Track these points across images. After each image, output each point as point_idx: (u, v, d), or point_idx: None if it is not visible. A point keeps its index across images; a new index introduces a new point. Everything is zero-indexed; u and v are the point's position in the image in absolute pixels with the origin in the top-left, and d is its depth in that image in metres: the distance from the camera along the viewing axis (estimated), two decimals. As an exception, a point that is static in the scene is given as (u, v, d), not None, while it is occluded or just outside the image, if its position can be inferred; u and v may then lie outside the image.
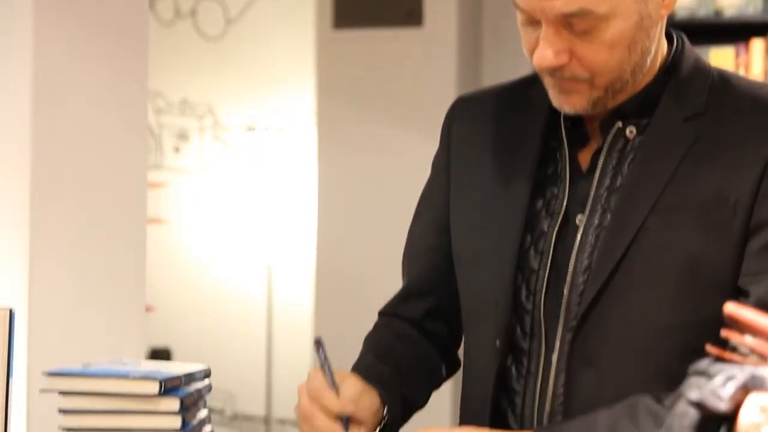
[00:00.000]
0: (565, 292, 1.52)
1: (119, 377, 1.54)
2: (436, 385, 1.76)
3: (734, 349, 1.09)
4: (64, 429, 1.55)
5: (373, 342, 1.74)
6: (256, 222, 5.65)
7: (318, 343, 1.55)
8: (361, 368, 1.63)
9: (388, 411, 1.58)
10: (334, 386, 1.52)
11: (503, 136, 1.64)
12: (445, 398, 3.36)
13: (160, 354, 5.33)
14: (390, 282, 1.87)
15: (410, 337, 1.74)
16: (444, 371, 1.78)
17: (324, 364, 1.53)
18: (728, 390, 0.99)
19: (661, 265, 1.47)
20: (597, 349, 1.49)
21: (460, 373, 1.74)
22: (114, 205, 2.71)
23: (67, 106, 2.63)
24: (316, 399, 1.51)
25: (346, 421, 1.51)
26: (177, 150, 5.79)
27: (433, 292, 1.75)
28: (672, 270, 1.47)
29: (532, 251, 1.56)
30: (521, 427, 1.54)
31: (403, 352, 1.71)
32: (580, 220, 1.54)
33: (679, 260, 1.47)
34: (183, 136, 5.80)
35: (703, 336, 1.34)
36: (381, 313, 1.81)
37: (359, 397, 1.53)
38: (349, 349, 1.82)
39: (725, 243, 1.47)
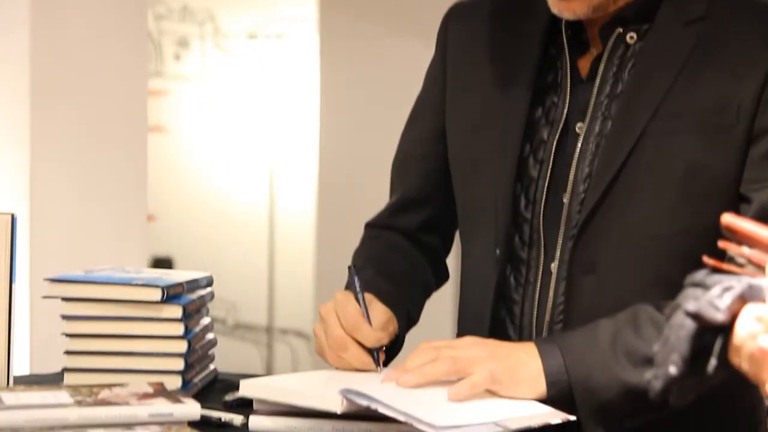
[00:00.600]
0: (566, 200, 1.52)
1: (121, 284, 1.54)
2: (428, 296, 1.76)
3: (732, 260, 1.08)
4: (66, 335, 1.56)
5: (368, 256, 1.72)
6: (258, 130, 5.63)
7: (353, 271, 1.54)
8: (364, 286, 1.62)
9: (399, 331, 1.58)
10: (368, 317, 1.51)
11: (501, 42, 1.62)
12: (445, 310, 3.38)
13: (162, 263, 5.34)
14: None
15: (404, 250, 1.73)
16: (435, 285, 1.77)
17: (359, 293, 1.52)
18: (725, 301, 0.98)
19: (663, 172, 1.47)
20: (597, 256, 1.49)
21: (456, 282, 1.73)
22: (114, 112, 2.70)
23: (66, 13, 2.60)
24: (352, 331, 1.50)
25: (378, 353, 1.51)
26: (177, 57, 5.74)
27: (428, 202, 1.73)
28: (673, 176, 1.47)
29: (531, 160, 1.55)
30: (520, 336, 1.55)
31: (400, 265, 1.70)
32: (581, 128, 1.53)
33: (681, 166, 1.47)
34: (183, 43, 5.74)
35: (704, 243, 1.34)
36: (370, 225, 1.79)
37: (388, 325, 1.54)
38: (350, 257, 1.81)
39: (727, 149, 1.46)
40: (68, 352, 1.56)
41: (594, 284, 1.49)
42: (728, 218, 1.05)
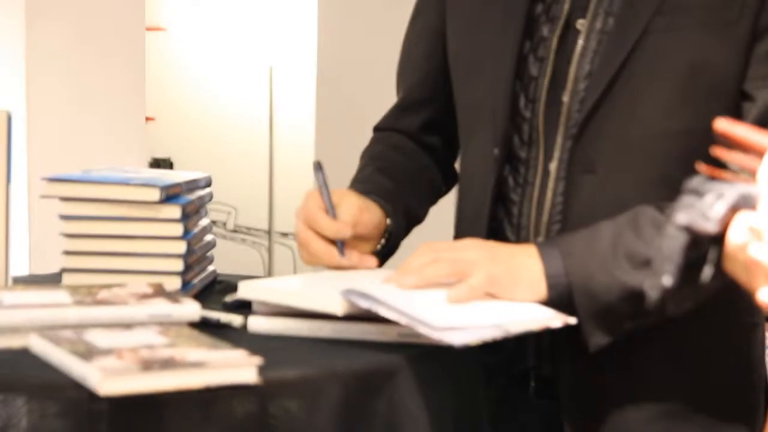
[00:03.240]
0: (566, 99, 1.51)
1: (120, 184, 1.53)
2: (436, 198, 1.76)
3: (727, 167, 1.06)
4: (64, 235, 1.55)
5: (371, 155, 1.74)
6: (257, 29, 5.58)
7: (317, 166, 1.55)
8: (360, 181, 1.63)
9: (391, 222, 1.58)
10: (331, 210, 1.51)
11: None
12: (446, 212, 3.38)
13: (161, 165, 5.33)
14: (393, 94, 1.84)
15: (409, 149, 1.74)
16: (443, 185, 1.77)
17: (322, 187, 1.52)
18: (717, 210, 0.97)
19: (665, 69, 1.45)
20: (597, 154, 1.48)
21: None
22: (111, 10, 2.67)
23: None
24: (311, 224, 1.51)
25: (342, 244, 1.51)
26: (176, -44, 5.66)
27: (430, 103, 1.73)
28: (675, 73, 1.45)
29: (531, 58, 1.54)
30: (518, 237, 1.55)
31: (402, 163, 1.71)
32: (582, 24, 1.51)
33: (683, 63, 1.45)
34: (182, -59, 5.66)
35: (705, 143, 1.32)
36: (377, 128, 1.80)
37: (359, 215, 1.53)
38: (350, 159, 1.81)
39: (730, 46, 1.44)
40: (66, 253, 1.56)
41: (593, 183, 1.49)
42: (722, 123, 1.03)
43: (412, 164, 1.72)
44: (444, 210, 1.82)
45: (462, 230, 1.65)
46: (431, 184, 1.75)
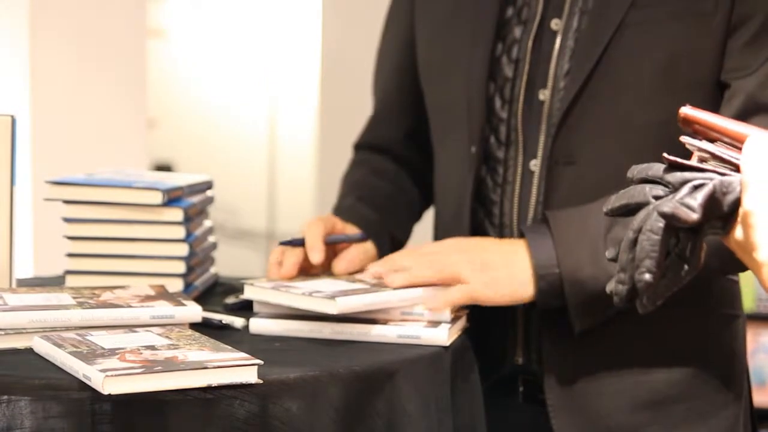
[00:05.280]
0: (543, 98, 1.51)
1: (122, 187, 1.54)
2: (417, 218, 1.76)
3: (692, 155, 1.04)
4: (68, 237, 1.56)
5: (351, 182, 1.74)
6: (258, 34, 5.58)
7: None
8: (342, 212, 1.63)
9: (377, 254, 1.59)
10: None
11: None
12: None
13: (163, 170, 5.34)
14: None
15: (389, 171, 1.74)
16: (424, 203, 1.78)
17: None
18: (698, 200, 0.95)
19: (642, 61, 1.46)
20: (577, 146, 1.49)
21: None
22: (113, 14, 2.68)
23: None
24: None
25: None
26: (178, -39, 5.67)
27: (403, 115, 1.74)
28: (654, 65, 1.46)
29: (504, 59, 1.55)
30: (501, 235, 1.55)
31: (383, 189, 1.71)
32: (557, 24, 1.52)
33: (660, 56, 1.46)
34: (183, -54, 5.67)
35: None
36: (356, 147, 1.80)
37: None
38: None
39: (706, 37, 1.45)
40: (70, 255, 1.57)
41: (573, 175, 1.49)
42: (686, 110, 1.02)
43: (393, 188, 1.72)
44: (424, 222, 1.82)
45: (442, 231, 1.65)
46: (412, 206, 1.75)
